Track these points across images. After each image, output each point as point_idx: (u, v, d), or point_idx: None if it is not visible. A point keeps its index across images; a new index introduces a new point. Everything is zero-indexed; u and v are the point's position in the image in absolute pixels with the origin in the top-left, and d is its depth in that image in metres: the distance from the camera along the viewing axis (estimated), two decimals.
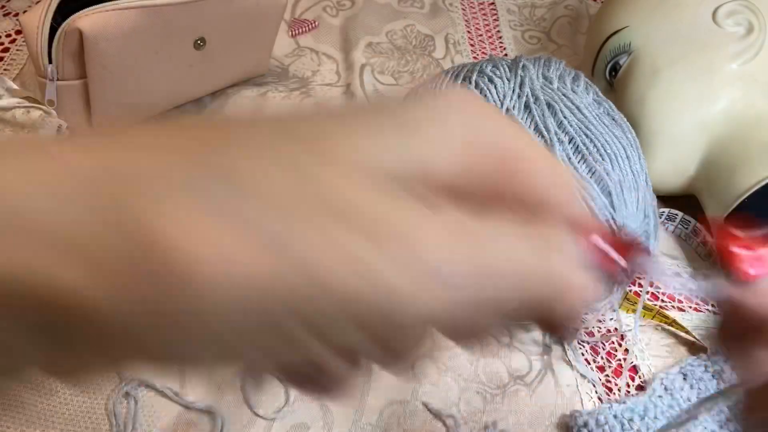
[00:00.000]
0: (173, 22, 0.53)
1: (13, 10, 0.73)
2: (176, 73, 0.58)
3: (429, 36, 0.79)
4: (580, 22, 0.84)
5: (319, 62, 0.73)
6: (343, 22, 0.79)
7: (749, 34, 0.55)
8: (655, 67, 0.57)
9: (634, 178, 0.49)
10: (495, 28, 0.83)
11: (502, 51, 0.80)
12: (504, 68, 0.53)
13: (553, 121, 0.49)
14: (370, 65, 0.73)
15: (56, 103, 0.53)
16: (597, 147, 0.48)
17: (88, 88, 0.52)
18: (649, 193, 0.51)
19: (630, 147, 0.50)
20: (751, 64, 0.55)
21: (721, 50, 0.55)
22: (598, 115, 0.50)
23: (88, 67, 0.51)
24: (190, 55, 0.58)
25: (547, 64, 0.54)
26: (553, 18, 0.85)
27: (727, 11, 0.56)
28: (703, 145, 0.56)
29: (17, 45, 0.69)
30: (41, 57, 0.51)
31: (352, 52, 0.74)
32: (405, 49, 0.77)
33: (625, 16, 0.60)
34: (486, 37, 0.82)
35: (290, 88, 0.69)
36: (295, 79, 0.70)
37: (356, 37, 0.76)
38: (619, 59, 0.60)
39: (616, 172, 0.48)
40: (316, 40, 0.76)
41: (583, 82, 0.54)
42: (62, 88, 0.52)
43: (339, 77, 0.72)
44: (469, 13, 0.85)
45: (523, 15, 0.86)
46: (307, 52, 0.74)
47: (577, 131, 0.48)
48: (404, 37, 0.79)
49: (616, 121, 0.51)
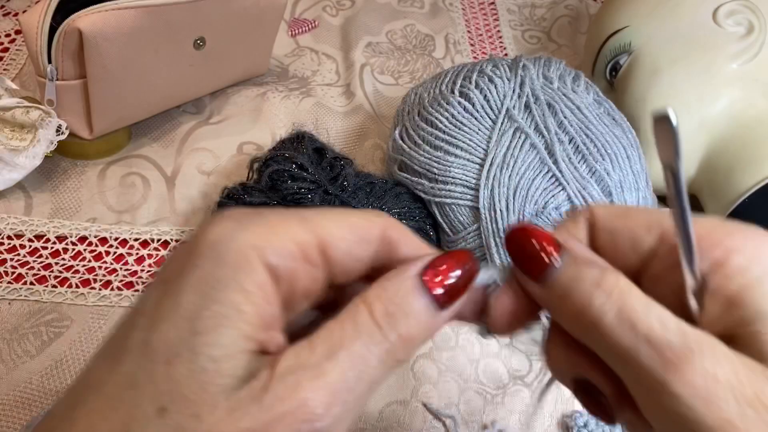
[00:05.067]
0: (173, 22, 0.53)
1: (12, 10, 0.73)
2: (176, 73, 0.58)
3: (429, 36, 0.79)
4: (580, 22, 0.84)
5: (318, 62, 0.73)
6: (342, 21, 0.79)
7: (749, 34, 0.55)
8: (656, 67, 0.57)
9: (634, 178, 0.49)
10: (495, 27, 0.83)
11: (502, 51, 0.80)
12: (504, 68, 0.53)
13: (554, 120, 0.49)
14: (370, 65, 0.73)
15: (56, 103, 0.53)
16: (597, 147, 0.48)
17: (88, 88, 0.52)
18: (650, 193, 0.51)
19: (630, 147, 0.50)
20: (751, 64, 0.55)
21: (722, 50, 0.55)
22: (598, 115, 0.50)
23: (87, 66, 0.51)
24: (190, 55, 0.58)
25: (548, 63, 0.54)
26: (554, 18, 0.85)
27: (728, 11, 0.56)
28: (703, 145, 0.56)
29: (17, 45, 0.69)
30: (41, 57, 0.51)
31: (352, 52, 0.74)
32: (405, 49, 0.77)
33: (625, 15, 0.60)
34: (486, 37, 0.82)
35: (290, 87, 0.69)
36: (294, 79, 0.70)
37: (356, 36, 0.76)
38: (619, 59, 0.60)
39: (617, 172, 0.48)
40: (315, 39, 0.76)
41: (584, 82, 0.54)
42: (62, 87, 0.52)
43: (339, 77, 0.71)
44: (469, 13, 0.85)
45: (524, 15, 0.86)
46: (307, 51, 0.74)
47: (578, 131, 0.48)
48: (404, 36, 0.79)
49: (617, 121, 0.51)
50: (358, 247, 0.21)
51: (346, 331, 0.19)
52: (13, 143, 0.51)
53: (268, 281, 0.19)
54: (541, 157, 0.47)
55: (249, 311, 0.18)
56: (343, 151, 0.57)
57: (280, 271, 0.19)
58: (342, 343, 0.18)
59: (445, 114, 0.51)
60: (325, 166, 0.51)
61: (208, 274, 0.18)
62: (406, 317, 0.19)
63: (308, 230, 0.20)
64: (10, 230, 0.52)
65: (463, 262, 0.20)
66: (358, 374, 0.18)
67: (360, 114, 0.67)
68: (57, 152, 0.55)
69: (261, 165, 0.50)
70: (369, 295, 0.19)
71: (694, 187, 0.58)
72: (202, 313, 0.18)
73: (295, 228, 0.20)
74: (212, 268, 0.18)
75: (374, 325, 0.19)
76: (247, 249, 0.18)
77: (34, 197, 0.55)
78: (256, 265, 0.18)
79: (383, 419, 0.45)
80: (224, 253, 0.18)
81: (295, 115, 0.65)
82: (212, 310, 0.18)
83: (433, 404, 0.45)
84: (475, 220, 0.48)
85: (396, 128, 0.55)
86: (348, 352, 0.18)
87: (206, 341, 0.17)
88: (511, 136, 0.48)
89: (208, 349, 0.17)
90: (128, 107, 0.57)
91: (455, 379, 0.47)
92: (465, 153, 0.49)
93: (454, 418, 0.45)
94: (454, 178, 0.49)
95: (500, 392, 0.47)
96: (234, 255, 0.18)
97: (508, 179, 0.47)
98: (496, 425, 0.45)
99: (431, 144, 0.51)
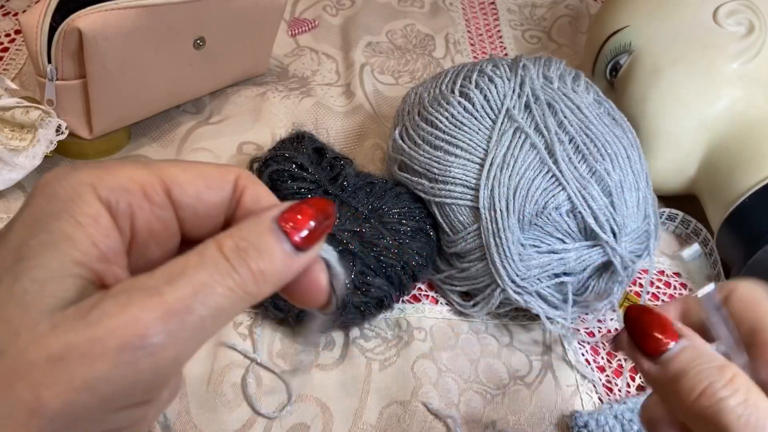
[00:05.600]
0: (173, 22, 0.53)
1: (12, 10, 0.73)
2: (176, 73, 0.58)
3: (429, 35, 0.79)
4: (580, 22, 0.84)
5: (318, 62, 0.73)
6: (342, 21, 0.79)
7: (750, 33, 0.55)
8: (656, 67, 0.57)
9: (634, 178, 0.49)
10: (495, 27, 0.83)
11: (503, 50, 0.80)
12: (504, 68, 0.53)
13: (554, 120, 0.49)
14: (370, 65, 0.73)
15: (55, 103, 0.53)
16: (597, 147, 0.48)
17: (88, 87, 0.52)
18: (650, 193, 0.50)
19: (630, 147, 0.50)
20: (751, 63, 0.55)
21: (722, 50, 0.55)
22: (598, 114, 0.50)
23: (87, 66, 0.51)
24: (189, 55, 0.57)
25: (548, 63, 0.54)
26: (554, 17, 0.85)
27: (728, 11, 0.56)
28: (703, 144, 0.56)
29: (16, 45, 0.69)
30: (40, 57, 0.51)
31: (352, 52, 0.74)
32: (405, 49, 0.77)
33: (625, 15, 0.60)
34: (486, 37, 0.82)
35: (290, 87, 0.68)
36: (294, 79, 0.70)
37: (356, 36, 0.76)
38: (619, 59, 0.60)
39: (617, 172, 0.48)
40: (315, 39, 0.76)
41: (584, 81, 0.54)
42: (61, 87, 0.52)
43: (339, 77, 0.71)
44: (469, 13, 0.85)
45: (524, 14, 0.86)
46: (307, 51, 0.74)
47: (578, 131, 0.48)
48: (404, 36, 0.79)
49: (617, 121, 0.51)
50: (208, 191, 0.21)
51: (190, 261, 0.18)
52: (12, 143, 0.51)
53: (104, 214, 0.19)
54: (541, 157, 0.47)
55: (81, 240, 0.18)
56: (343, 151, 0.57)
57: (118, 207, 0.19)
58: (184, 271, 0.18)
59: (445, 114, 0.51)
60: (325, 166, 0.51)
61: (39, 209, 0.18)
62: (258, 253, 0.19)
63: (148, 171, 0.20)
64: None
65: (320, 209, 0.20)
66: (199, 298, 0.17)
67: (360, 114, 0.67)
68: (57, 152, 0.55)
69: (261, 165, 0.50)
70: (220, 234, 0.19)
71: (694, 187, 0.58)
72: (29, 242, 0.17)
73: (133, 169, 0.20)
74: (43, 204, 0.18)
75: (222, 257, 0.18)
76: (79, 185, 0.18)
77: None
78: (88, 198, 0.18)
79: (383, 419, 0.45)
80: (56, 190, 0.18)
81: (295, 115, 0.65)
82: (39, 239, 0.17)
83: (433, 404, 0.45)
84: (475, 220, 0.48)
85: (396, 128, 0.55)
86: (189, 278, 0.18)
87: (30, 265, 0.17)
88: (511, 135, 0.48)
89: (31, 271, 0.17)
90: (128, 107, 0.57)
91: (455, 379, 0.47)
92: (465, 153, 0.49)
93: (455, 418, 0.45)
94: (454, 178, 0.48)
95: (500, 392, 0.47)
96: (66, 190, 0.18)
97: (508, 179, 0.47)
98: (496, 425, 0.45)
99: (431, 144, 0.50)
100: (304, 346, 0.23)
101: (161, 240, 0.21)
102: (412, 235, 0.48)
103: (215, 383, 0.44)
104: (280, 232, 0.19)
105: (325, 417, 0.44)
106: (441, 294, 0.52)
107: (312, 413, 0.44)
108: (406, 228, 0.48)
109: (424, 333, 0.50)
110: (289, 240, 0.19)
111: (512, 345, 0.50)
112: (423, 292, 0.53)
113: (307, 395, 0.45)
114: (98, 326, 0.16)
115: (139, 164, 0.20)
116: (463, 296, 0.52)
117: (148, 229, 0.20)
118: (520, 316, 0.52)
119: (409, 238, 0.48)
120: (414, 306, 0.52)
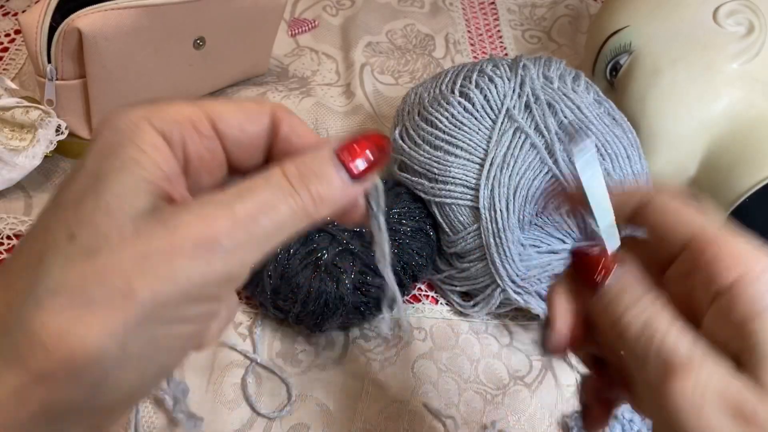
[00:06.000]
0: (173, 22, 0.53)
1: (12, 10, 0.73)
2: (176, 73, 0.58)
3: (429, 35, 0.79)
4: (580, 22, 0.84)
5: (318, 62, 0.73)
6: (342, 21, 0.79)
7: (750, 33, 0.55)
8: (656, 67, 0.57)
9: (634, 178, 0.49)
10: (495, 27, 0.83)
11: (503, 50, 0.80)
12: (504, 68, 0.53)
13: (554, 120, 0.49)
14: (370, 65, 0.73)
15: (55, 103, 0.53)
16: (597, 147, 0.48)
17: (88, 87, 0.52)
18: None
19: (630, 147, 0.50)
20: (751, 63, 0.55)
21: (722, 50, 0.55)
22: (598, 114, 0.50)
23: (87, 66, 0.51)
24: (189, 55, 0.57)
25: (548, 63, 0.54)
26: (554, 17, 0.85)
27: (728, 11, 0.56)
28: (703, 145, 0.56)
29: (16, 45, 0.69)
30: (40, 56, 0.51)
31: (352, 52, 0.74)
32: (405, 49, 0.77)
33: (625, 15, 0.60)
34: (486, 37, 0.82)
35: (290, 87, 0.68)
36: (294, 79, 0.70)
37: (356, 36, 0.76)
38: (619, 59, 0.60)
39: (617, 172, 0.48)
40: (315, 39, 0.76)
41: (584, 81, 0.54)
42: (61, 87, 0.52)
43: (339, 77, 0.71)
44: (469, 13, 0.85)
45: (524, 14, 0.86)
46: (307, 51, 0.74)
47: None
48: (404, 36, 0.79)
49: (617, 121, 0.51)
50: (248, 123, 0.23)
51: (257, 182, 0.20)
52: (12, 143, 0.51)
53: (162, 143, 0.21)
54: (541, 157, 0.47)
55: (147, 163, 0.20)
56: None
57: (172, 136, 0.21)
58: (252, 189, 0.20)
59: (445, 114, 0.51)
60: None
61: (106, 141, 0.20)
62: (319, 179, 0.21)
63: (195, 107, 0.22)
64: (9, 230, 0.52)
65: (375, 143, 0.22)
66: (264, 212, 0.20)
67: (360, 114, 0.67)
68: (56, 152, 0.55)
69: None
70: (283, 161, 0.21)
71: (694, 187, 0.58)
72: (103, 166, 0.20)
73: (182, 105, 0.22)
74: (109, 136, 0.20)
75: (285, 180, 0.20)
76: (137, 119, 0.21)
77: (33, 197, 0.55)
78: (147, 129, 0.21)
79: (383, 419, 0.44)
80: (118, 124, 0.21)
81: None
82: (111, 163, 0.20)
83: (433, 404, 0.45)
84: (475, 220, 0.48)
85: (396, 128, 0.55)
86: (256, 196, 0.20)
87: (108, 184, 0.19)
88: (511, 135, 0.48)
89: (111, 187, 0.19)
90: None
91: (455, 379, 0.47)
92: (465, 153, 0.49)
93: (454, 418, 0.45)
94: (454, 178, 0.48)
95: (500, 392, 0.47)
96: (126, 124, 0.21)
97: (508, 179, 0.47)
98: (496, 425, 0.45)
99: (431, 144, 0.50)
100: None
101: (211, 168, 0.23)
102: (412, 235, 0.48)
103: (215, 383, 0.44)
104: (338, 162, 0.21)
105: (325, 417, 0.44)
106: (441, 294, 0.52)
107: (312, 413, 0.44)
108: (406, 228, 0.48)
109: (424, 333, 0.50)
110: (346, 170, 0.21)
111: (512, 345, 0.50)
112: (423, 292, 0.53)
113: (307, 395, 0.45)
114: (177, 230, 0.19)
115: (185, 102, 0.23)
116: (463, 296, 0.52)
117: (198, 157, 0.22)
118: (520, 316, 0.52)
119: (409, 238, 0.48)
120: (414, 306, 0.52)
